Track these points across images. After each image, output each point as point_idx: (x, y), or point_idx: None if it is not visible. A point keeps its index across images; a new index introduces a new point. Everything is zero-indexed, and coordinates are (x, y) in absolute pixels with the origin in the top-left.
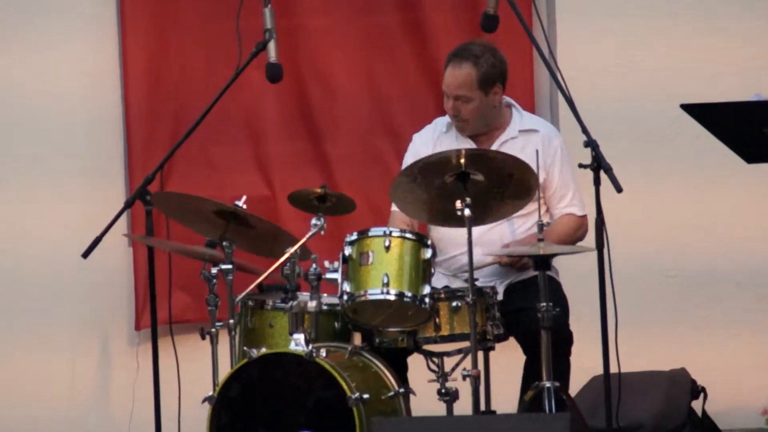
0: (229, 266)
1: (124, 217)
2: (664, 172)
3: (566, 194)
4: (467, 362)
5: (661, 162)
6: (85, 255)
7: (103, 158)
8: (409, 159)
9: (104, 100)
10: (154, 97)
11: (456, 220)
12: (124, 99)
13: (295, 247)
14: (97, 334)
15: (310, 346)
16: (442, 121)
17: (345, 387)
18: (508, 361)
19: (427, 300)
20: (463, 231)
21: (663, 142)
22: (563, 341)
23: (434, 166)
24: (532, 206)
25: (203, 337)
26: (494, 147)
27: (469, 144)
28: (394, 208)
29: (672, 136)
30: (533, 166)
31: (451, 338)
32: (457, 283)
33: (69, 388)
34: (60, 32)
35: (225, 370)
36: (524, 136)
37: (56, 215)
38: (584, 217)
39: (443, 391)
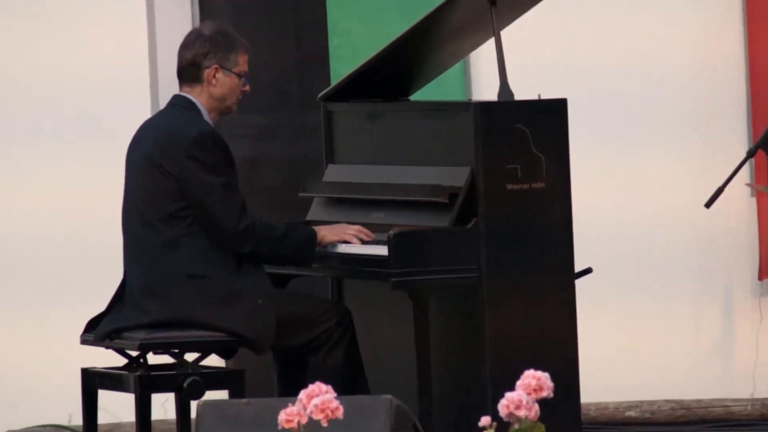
0: None
1: (746, 167)
2: None
3: None
4: None
5: None
6: (708, 205)
7: (726, 108)
8: None
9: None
10: None
11: None
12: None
13: None
14: (718, 283)
15: None
16: None
17: None
18: None
19: None
20: None
21: None
22: None
23: None
24: None
25: None
26: None
27: None
28: None
29: None
30: None
31: None
32: None
33: (694, 337)
34: None
35: None
36: None
37: (674, 165)
38: None
39: None
